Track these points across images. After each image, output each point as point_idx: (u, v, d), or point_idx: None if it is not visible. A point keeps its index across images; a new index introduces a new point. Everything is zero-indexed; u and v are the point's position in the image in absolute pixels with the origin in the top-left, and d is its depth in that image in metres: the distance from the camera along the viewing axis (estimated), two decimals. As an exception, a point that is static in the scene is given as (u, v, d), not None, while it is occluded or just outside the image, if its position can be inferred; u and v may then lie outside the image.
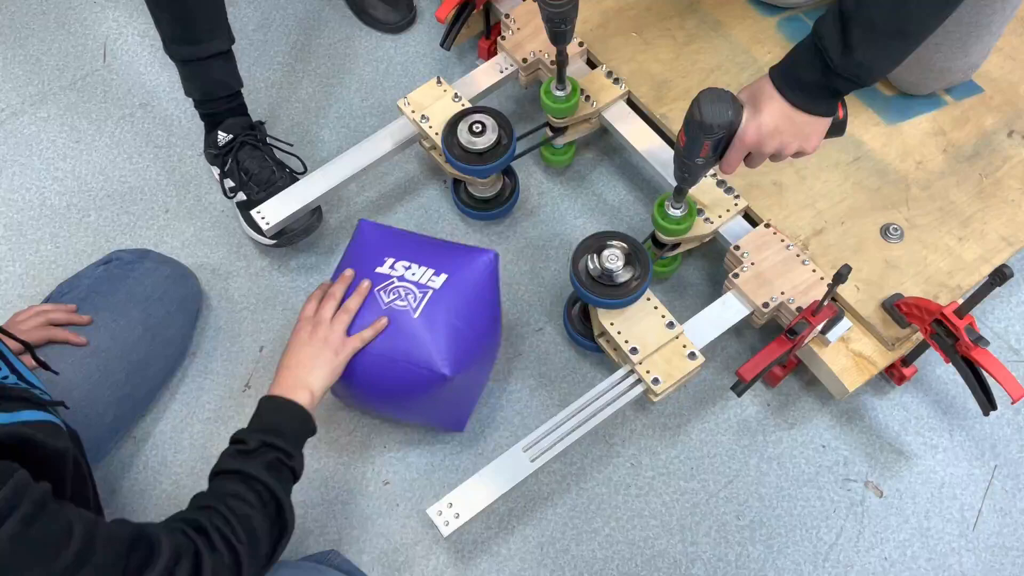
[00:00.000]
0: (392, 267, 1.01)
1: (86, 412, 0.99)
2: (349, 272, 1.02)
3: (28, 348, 0.90)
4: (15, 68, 1.46)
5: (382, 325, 0.97)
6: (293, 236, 1.20)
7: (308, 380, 0.92)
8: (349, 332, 0.97)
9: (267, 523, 0.80)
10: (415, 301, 0.98)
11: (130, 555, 0.66)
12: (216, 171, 1.25)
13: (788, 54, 0.89)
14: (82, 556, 0.62)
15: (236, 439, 0.87)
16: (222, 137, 1.21)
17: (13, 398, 0.69)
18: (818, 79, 0.86)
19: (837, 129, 0.93)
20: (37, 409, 0.71)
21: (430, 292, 0.99)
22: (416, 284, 1.00)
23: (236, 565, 0.75)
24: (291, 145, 1.30)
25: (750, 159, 0.95)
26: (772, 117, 0.89)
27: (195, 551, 0.72)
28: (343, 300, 0.99)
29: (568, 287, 1.23)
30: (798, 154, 0.93)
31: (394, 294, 0.99)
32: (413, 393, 1.00)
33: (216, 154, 1.23)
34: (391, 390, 1.00)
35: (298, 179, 1.20)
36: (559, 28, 1.01)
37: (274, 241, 1.21)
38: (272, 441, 0.85)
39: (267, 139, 1.25)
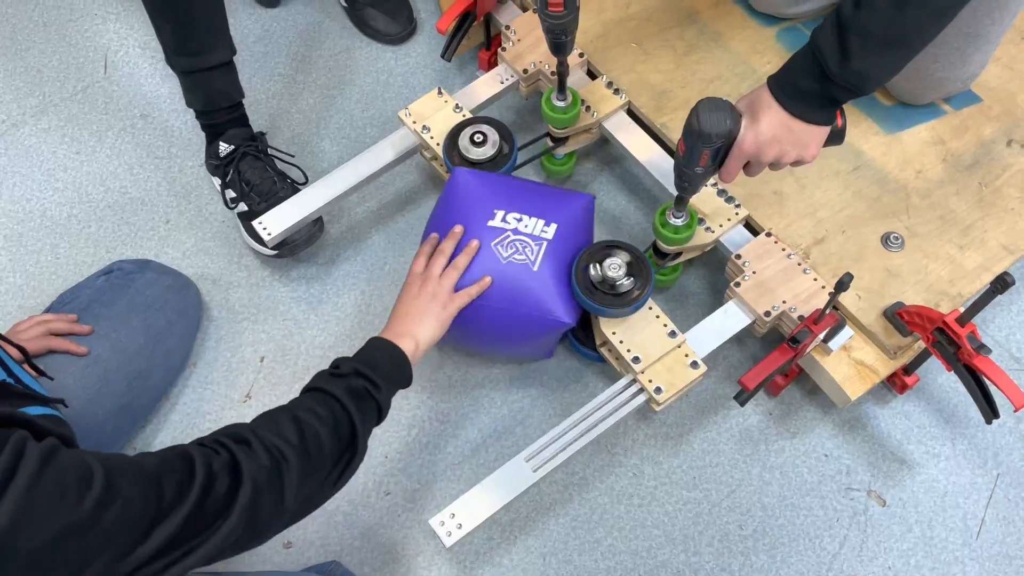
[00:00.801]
0: (504, 220, 1.03)
1: (86, 422, 0.99)
2: (459, 228, 1.03)
3: (25, 356, 0.89)
4: (16, 79, 1.46)
5: (487, 283, 1.00)
6: (295, 247, 1.20)
7: (415, 331, 0.95)
8: (456, 288, 1.00)
9: (335, 440, 0.78)
10: (532, 254, 1.02)
11: (162, 485, 0.63)
12: (217, 182, 1.26)
13: (786, 63, 0.89)
14: (108, 494, 0.59)
15: (334, 364, 0.87)
16: (224, 148, 1.21)
17: (15, 395, 0.69)
18: (816, 88, 0.86)
19: (836, 137, 0.93)
20: (40, 405, 0.70)
21: (545, 244, 1.03)
22: (531, 236, 1.03)
23: (277, 467, 0.72)
24: (292, 156, 1.30)
25: (749, 168, 0.95)
26: (770, 126, 0.89)
27: (231, 462, 0.69)
28: (452, 255, 1.01)
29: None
30: (797, 163, 0.93)
31: (511, 248, 1.02)
32: (531, 339, 1.06)
33: (217, 164, 1.23)
34: (511, 337, 1.06)
35: (299, 190, 1.20)
36: (559, 39, 1.02)
37: (276, 252, 1.21)
38: (365, 372, 0.85)
39: (268, 150, 1.25)
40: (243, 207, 1.22)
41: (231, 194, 1.22)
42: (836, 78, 0.84)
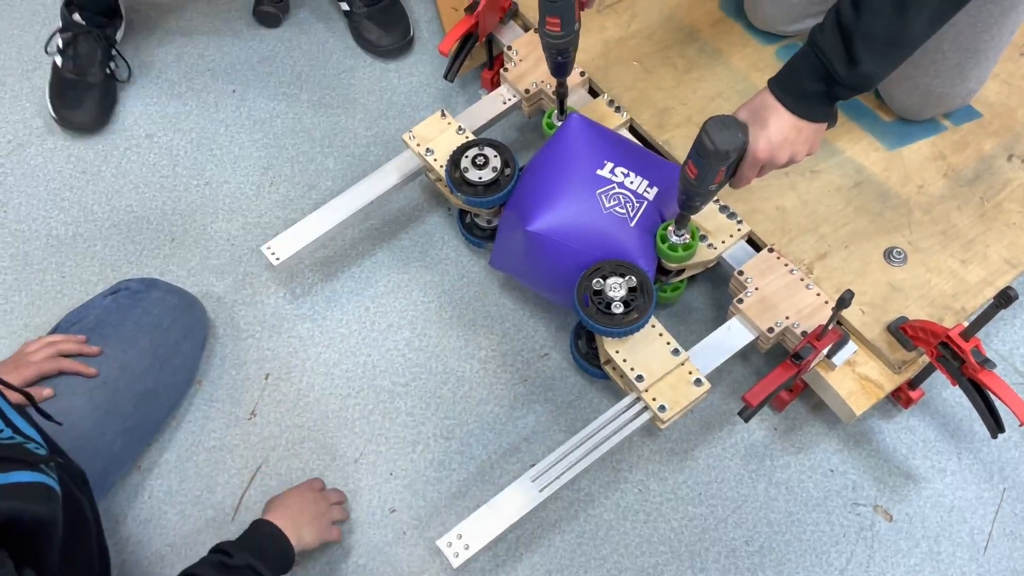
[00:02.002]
0: (612, 172, 1.07)
1: (94, 443, 0.99)
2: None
3: (30, 400, 0.89)
4: (22, 100, 1.47)
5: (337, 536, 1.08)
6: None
7: (301, 532, 0.99)
8: None
9: None
10: (632, 210, 1.05)
11: None
12: (57, 29, 1.41)
13: (786, 67, 0.91)
14: None
15: (222, 550, 0.89)
16: (77, 19, 1.38)
17: (5, 458, 0.69)
18: (822, 89, 0.88)
19: (831, 122, 0.96)
20: (30, 470, 0.70)
21: (646, 203, 1.06)
22: (634, 193, 1.06)
23: None
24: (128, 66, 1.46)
25: (761, 171, 0.96)
26: (780, 130, 0.90)
27: None
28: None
29: (572, 313, 1.24)
30: (805, 158, 0.96)
31: (614, 200, 1.05)
32: None
33: (68, 23, 1.39)
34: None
35: (116, 81, 1.42)
36: (559, 60, 1.03)
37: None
38: (256, 565, 0.88)
39: (115, 46, 1.42)
40: (58, 61, 1.40)
41: (58, 44, 1.40)
42: (844, 81, 0.86)
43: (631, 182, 1.06)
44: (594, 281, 1.02)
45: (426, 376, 1.21)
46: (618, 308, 1.01)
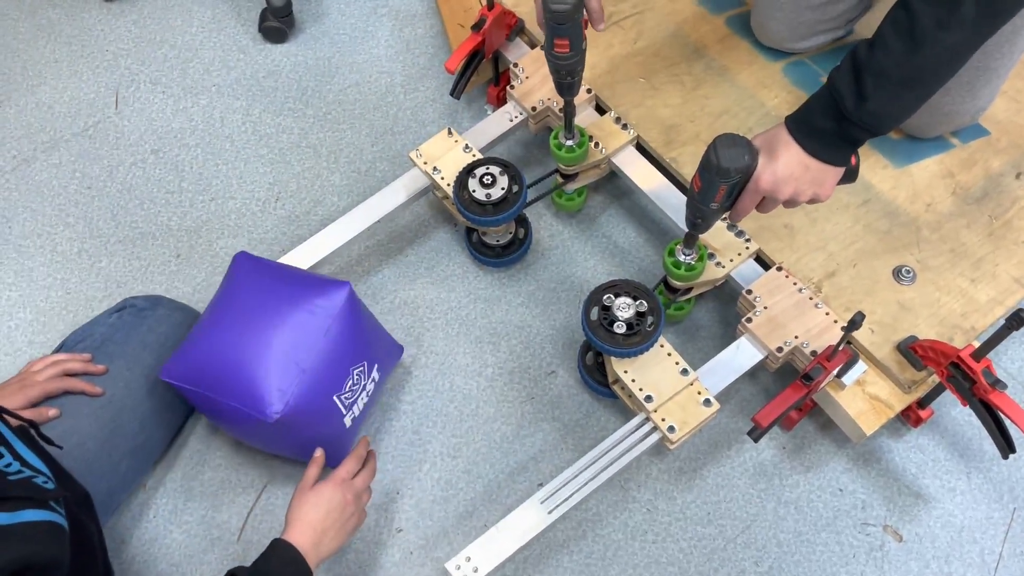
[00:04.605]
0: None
1: (101, 464, 0.99)
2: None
3: (33, 426, 0.88)
4: (27, 115, 1.47)
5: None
6: None
7: (323, 548, 0.92)
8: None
9: None
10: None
11: None
12: None
13: (804, 103, 0.90)
14: None
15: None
16: None
17: (13, 497, 0.68)
18: (833, 127, 0.87)
19: (849, 176, 0.94)
20: (39, 508, 0.70)
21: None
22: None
23: None
24: None
25: (763, 205, 0.95)
26: (787, 164, 0.90)
27: None
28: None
29: (580, 330, 1.23)
30: (812, 201, 0.94)
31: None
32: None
33: None
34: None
35: None
36: (565, 80, 1.03)
37: None
38: None
39: None
40: None
41: None
42: (852, 117, 0.85)
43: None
44: (605, 297, 1.02)
45: (432, 394, 1.21)
46: (620, 328, 1.00)
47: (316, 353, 1.00)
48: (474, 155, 1.18)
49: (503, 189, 1.12)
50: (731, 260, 1.12)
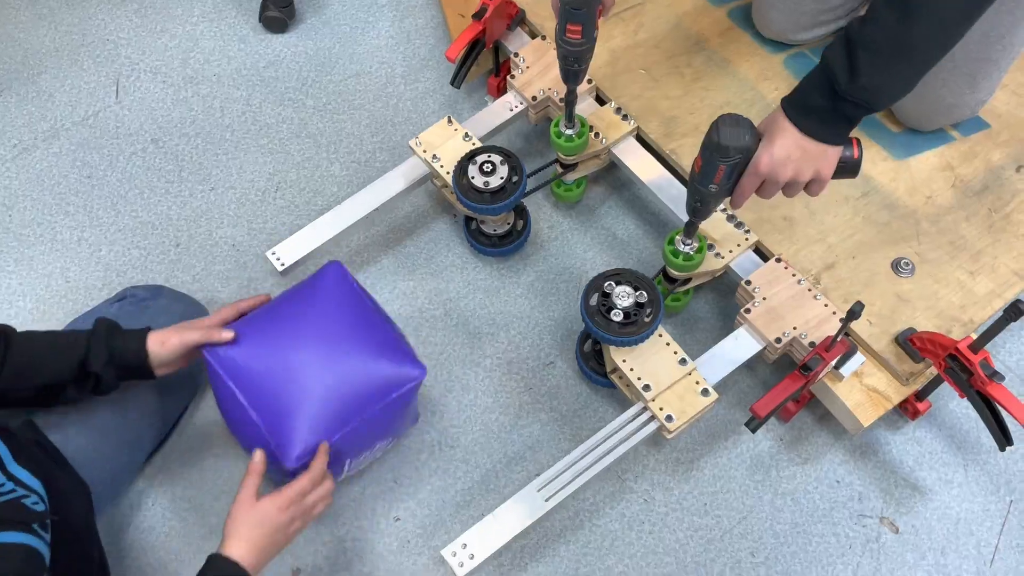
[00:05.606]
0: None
1: (100, 456, 0.98)
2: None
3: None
4: (28, 104, 1.47)
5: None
6: None
7: (262, 564, 0.87)
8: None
9: None
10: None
11: None
12: None
13: (799, 83, 0.90)
14: None
15: None
16: None
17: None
18: (827, 104, 0.87)
19: (851, 170, 0.94)
20: (20, 530, 0.68)
21: None
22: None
23: None
24: None
25: (763, 189, 0.95)
26: (783, 146, 0.90)
27: None
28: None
29: (578, 320, 1.23)
30: (813, 182, 0.93)
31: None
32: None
33: None
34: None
35: None
36: (573, 67, 1.02)
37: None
38: None
39: None
40: None
41: None
42: (845, 93, 0.85)
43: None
44: (607, 283, 1.02)
45: (430, 383, 1.21)
46: (616, 316, 1.00)
47: (360, 420, 0.94)
48: (474, 143, 1.18)
49: (502, 178, 1.12)
50: (730, 251, 1.12)
